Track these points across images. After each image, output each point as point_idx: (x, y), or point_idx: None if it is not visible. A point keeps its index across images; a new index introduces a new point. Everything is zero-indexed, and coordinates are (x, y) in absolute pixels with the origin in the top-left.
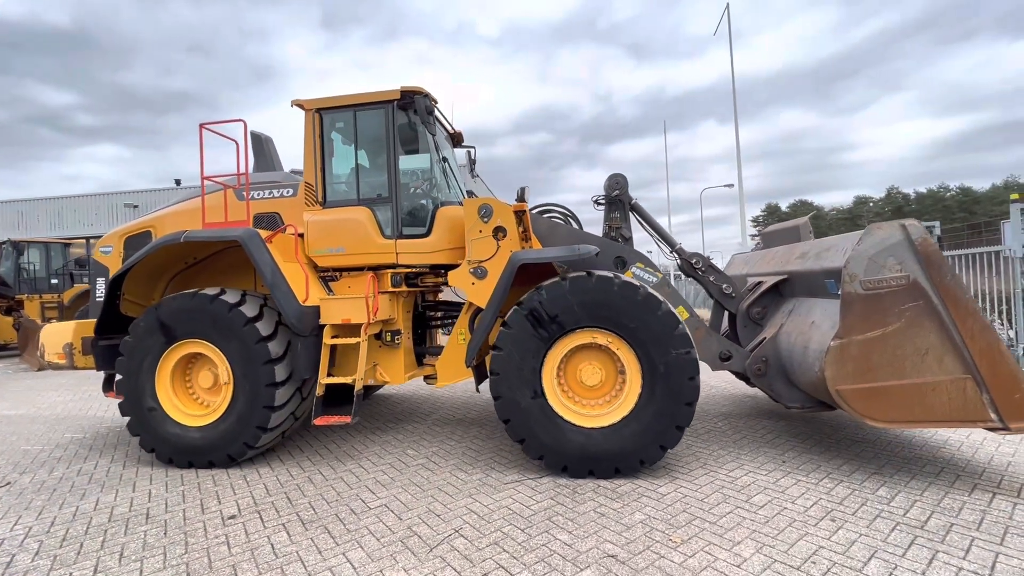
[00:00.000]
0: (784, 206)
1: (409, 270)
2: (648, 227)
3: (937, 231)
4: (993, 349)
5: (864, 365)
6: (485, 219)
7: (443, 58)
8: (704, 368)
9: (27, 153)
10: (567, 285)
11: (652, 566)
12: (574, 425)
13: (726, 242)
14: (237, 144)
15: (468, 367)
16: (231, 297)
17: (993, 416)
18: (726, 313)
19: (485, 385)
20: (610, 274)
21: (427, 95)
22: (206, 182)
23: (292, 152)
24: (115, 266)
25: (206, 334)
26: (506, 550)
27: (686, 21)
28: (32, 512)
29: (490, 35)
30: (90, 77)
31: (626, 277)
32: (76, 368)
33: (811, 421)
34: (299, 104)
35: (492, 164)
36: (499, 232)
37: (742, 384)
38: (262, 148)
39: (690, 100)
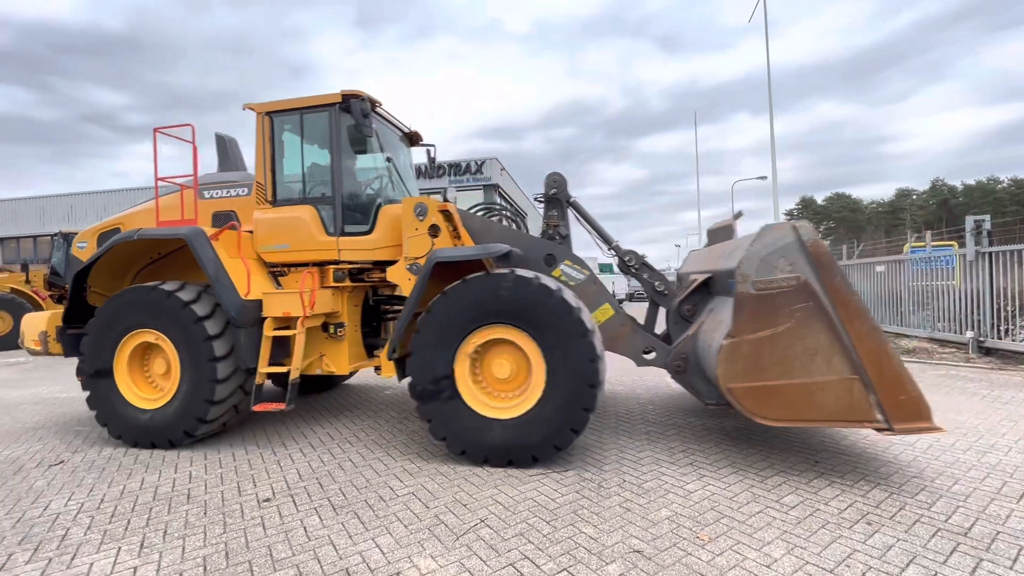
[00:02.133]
0: (820, 199)
1: (352, 266)
2: (587, 225)
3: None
4: (880, 351)
5: (755, 364)
6: (420, 217)
7: (473, 55)
8: None
9: (81, 150)
10: (475, 282)
11: (679, 563)
12: (485, 416)
13: None
14: (195, 147)
15: (389, 359)
16: (186, 294)
17: (880, 417)
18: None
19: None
20: (505, 270)
21: (365, 98)
22: (162, 183)
23: None
24: None
25: (158, 325)
26: (531, 541)
27: (718, 12)
28: (84, 489)
29: (519, 31)
30: (140, 79)
31: (552, 275)
32: (50, 354)
33: None
34: (251, 107)
35: (519, 159)
36: (434, 230)
37: None
38: (226, 150)
39: (722, 92)
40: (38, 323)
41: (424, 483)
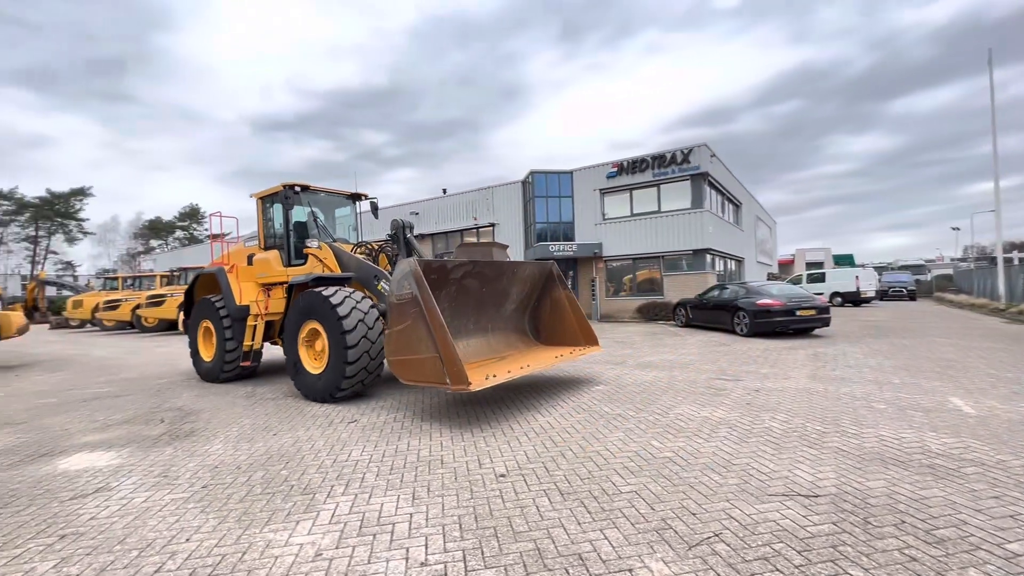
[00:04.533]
0: None
1: None
2: (416, 251)
3: None
4: (444, 339)
5: (397, 346)
6: (316, 256)
7: (676, 43)
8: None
9: (361, 182)
10: (301, 296)
11: None
12: (311, 372)
13: None
14: (236, 220)
15: (278, 338)
16: (218, 301)
17: (448, 380)
18: None
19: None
20: (317, 288)
21: (292, 186)
22: (219, 243)
23: (521, 164)
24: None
25: (210, 318)
26: (780, 570)
27: None
28: (371, 444)
29: (728, 6)
30: (395, 119)
31: (377, 288)
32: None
33: None
34: (253, 195)
35: (729, 144)
36: (322, 264)
37: None
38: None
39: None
40: (181, 315)
41: (646, 483)
